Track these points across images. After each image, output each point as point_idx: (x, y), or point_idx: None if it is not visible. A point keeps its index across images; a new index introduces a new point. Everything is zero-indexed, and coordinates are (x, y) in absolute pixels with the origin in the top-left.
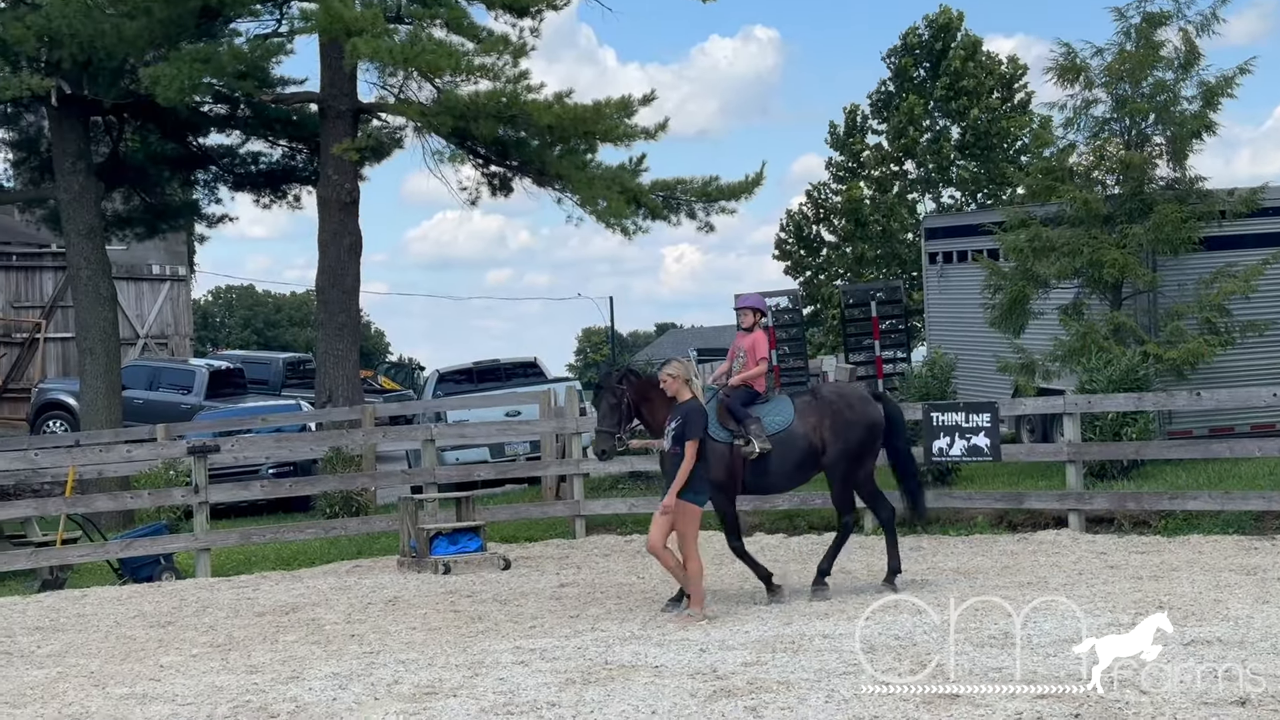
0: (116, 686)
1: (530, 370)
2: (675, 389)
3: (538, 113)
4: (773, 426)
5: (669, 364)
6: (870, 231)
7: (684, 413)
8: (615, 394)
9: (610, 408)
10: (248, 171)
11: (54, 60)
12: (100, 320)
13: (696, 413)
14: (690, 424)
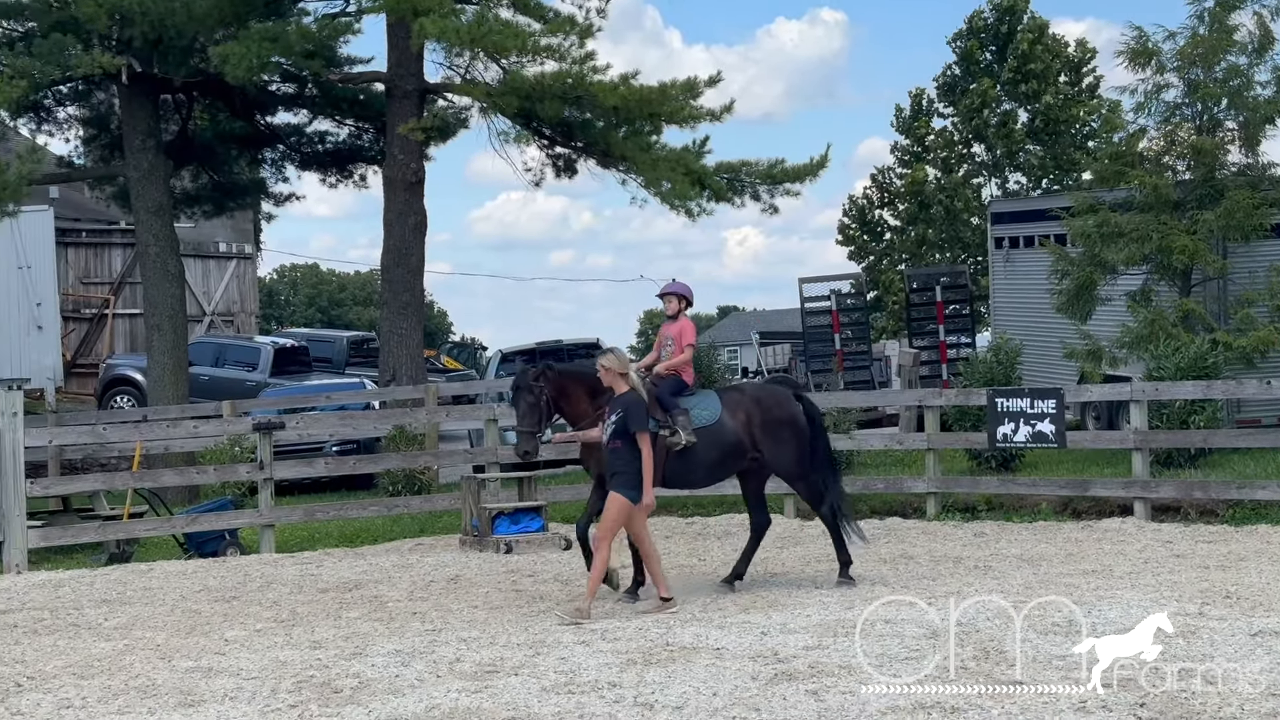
0: (182, 659)
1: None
2: (611, 381)
3: (603, 94)
4: (700, 420)
5: (604, 355)
6: (934, 215)
7: (624, 405)
8: (534, 392)
9: (529, 406)
10: (314, 150)
11: (125, 38)
12: (168, 297)
13: (637, 405)
14: (633, 416)
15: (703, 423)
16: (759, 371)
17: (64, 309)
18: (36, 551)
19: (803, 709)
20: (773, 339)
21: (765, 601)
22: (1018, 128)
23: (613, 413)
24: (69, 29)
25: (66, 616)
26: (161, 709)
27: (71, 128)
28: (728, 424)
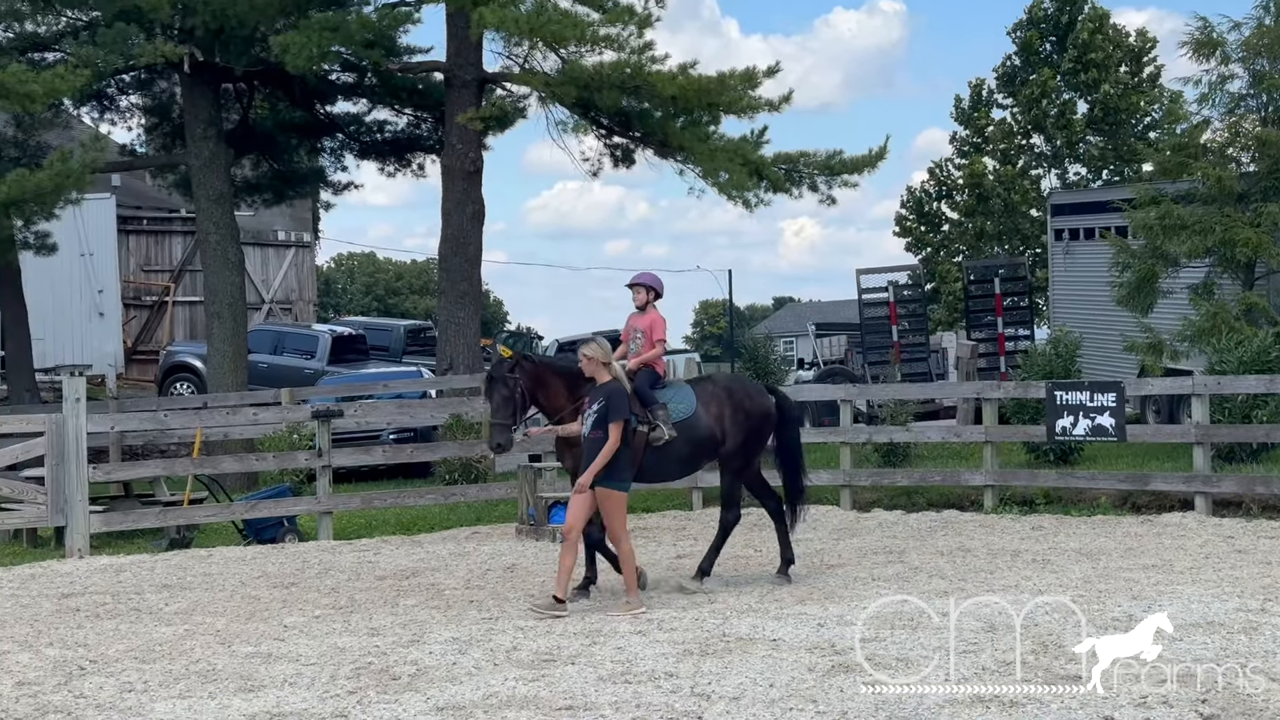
0: (242, 645)
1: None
2: (593, 371)
3: (661, 84)
4: (677, 414)
5: (586, 345)
6: (992, 207)
7: (606, 394)
8: (508, 384)
9: (504, 399)
10: (373, 140)
11: (187, 28)
12: (228, 285)
13: (619, 394)
14: (614, 406)
15: (679, 416)
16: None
17: (125, 296)
18: (98, 536)
19: (860, 702)
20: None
21: (822, 593)
22: (1077, 118)
23: (594, 402)
24: (132, 18)
25: (128, 601)
26: (222, 693)
27: (134, 116)
28: (702, 417)
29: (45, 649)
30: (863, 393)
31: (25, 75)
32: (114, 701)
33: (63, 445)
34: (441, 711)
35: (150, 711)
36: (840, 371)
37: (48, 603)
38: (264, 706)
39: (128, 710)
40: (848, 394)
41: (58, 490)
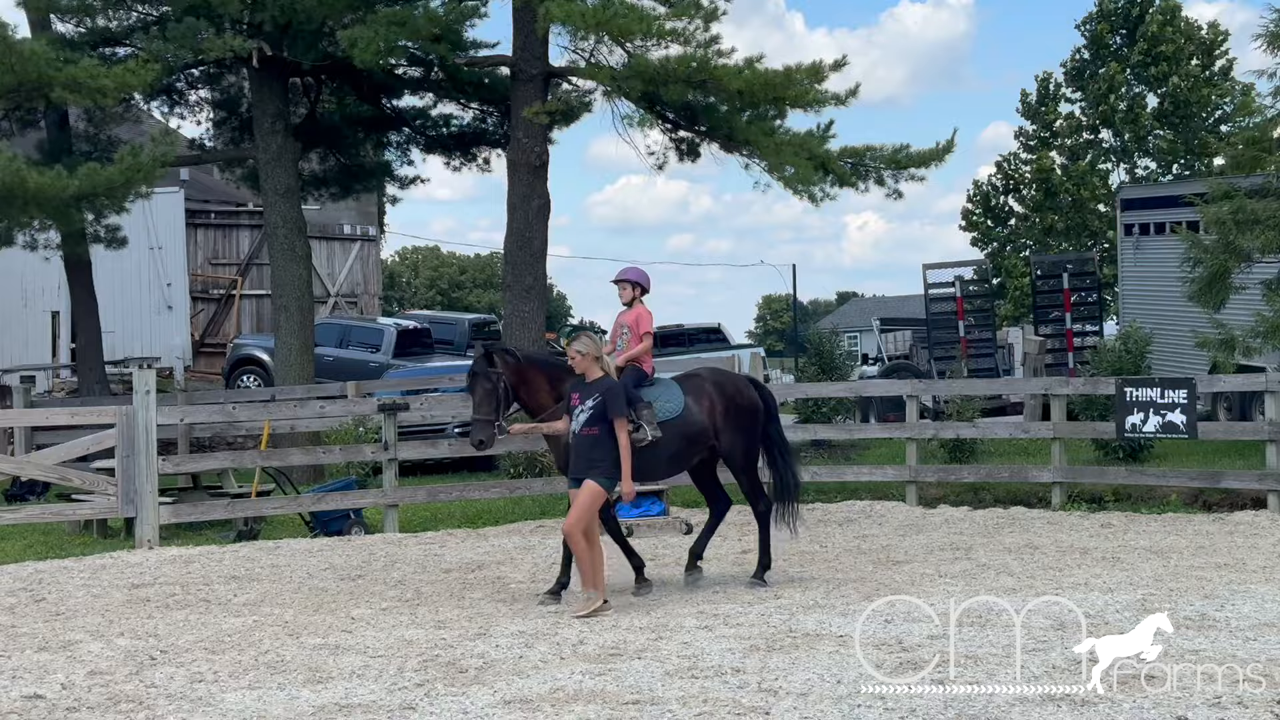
0: (310, 637)
1: (714, 336)
2: (585, 367)
3: (728, 78)
4: (665, 413)
5: (578, 340)
6: (1060, 202)
7: (603, 391)
8: (491, 378)
9: (486, 393)
10: (439, 134)
11: (256, 22)
12: (295, 278)
13: (617, 390)
14: (612, 402)
15: (669, 415)
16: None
17: (193, 289)
18: (167, 528)
19: (929, 699)
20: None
21: (889, 589)
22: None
23: (587, 399)
24: (201, 13)
25: (197, 592)
26: (291, 684)
27: (202, 110)
28: (693, 413)
29: (116, 639)
30: (929, 388)
31: (96, 70)
32: (184, 692)
33: (133, 437)
34: (509, 705)
35: (220, 702)
36: (905, 367)
37: (118, 593)
38: (332, 698)
39: (198, 700)
40: (914, 389)
41: (128, 482)
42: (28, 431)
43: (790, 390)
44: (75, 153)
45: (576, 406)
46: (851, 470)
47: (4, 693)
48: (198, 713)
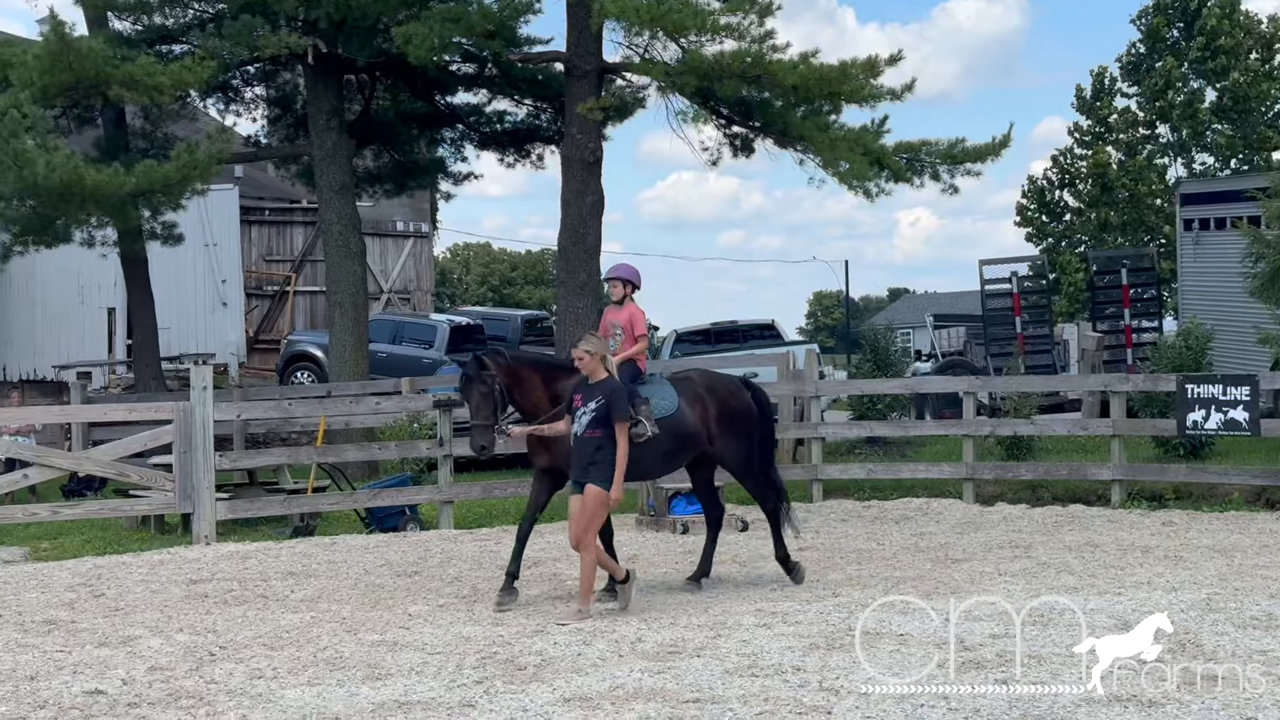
0: (368, 633)
1: (767, 332)
2: (591, 367)
3: (783, 73)
4: (660, 410)
5: (585, 340)
6: (1116, 197)
7: (607, 392)
8: (486, 382)
9: (483, 397)
10: (493, 130)
11: (311, 19)
12: (349, 275)
13: (620, 392)
14: (616, 404)
15: (663, 413)
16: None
17: (247, 286)
18: (223, 523)
19: (992, 699)
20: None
21: (948, 588)
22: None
23: (590, 400)
24: (257, 10)
25: (255, 588)
26: (350, 681)
27: (257, 108)
28: (686, 414)
29: (175, 634)
30: (986, 385)
31: (153, 67)
32: (244, 688)
33: (190, 433)
34: (569, 703)
35: (280, 698)
36: (960, 363)
37: (176, 588)
38: (392, 695)
39: (258, 697)
40: (971, 386)
41: (185, 477)
42: (84, 427)
43: (845, 387)
44: (132, 150)
45: (579, 408)
46: (907, 467)
47: (65, 688)
48: (258, 709)
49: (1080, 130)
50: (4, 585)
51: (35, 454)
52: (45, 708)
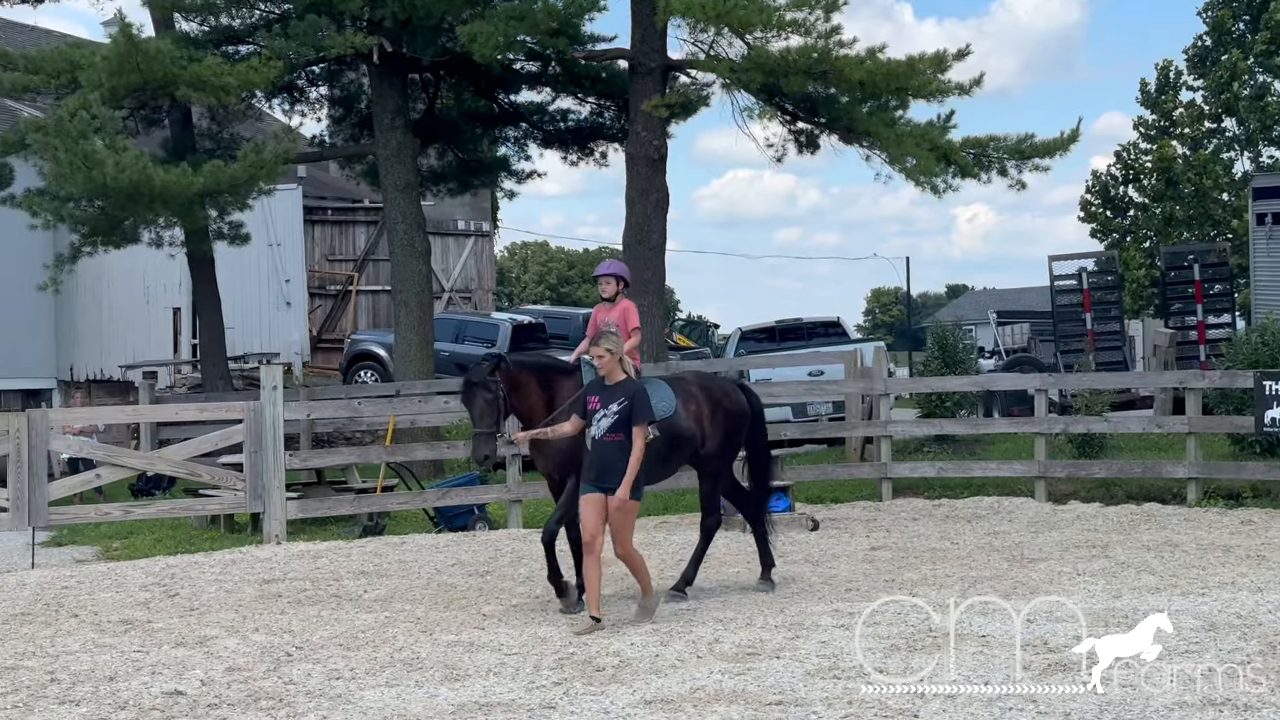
0: (443, 633)
1: (832, 330)
2: (610, 367)
3: (849, 69)
4: (658, 412)
5: (604, 339)
6: (1181, 192)
7: (629, 394)
8: (491, 388)
9: (487, 404)
10: (556, 128)
11: (376, 19)
12: (414, 274)
13: (643, 394)
14: (639, 406)
15: (661, 415)
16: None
17: (310, 285)
18: (292, 523)
19: (1082, 702)
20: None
21: (1027, 586)
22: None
23: (611, 402)
24: (322, 10)
25: (327, 588)
26: (428, 682)
27: (322, 107)
28: (683, 416)
29: (251, 634)
30: (1058, 382)
31: (220, 68)
32: (323, 689)
33: (261, 432)
34: (650, 705)
35: (360, 699)
36: (1028, 360)
37: (249, 588)
38: (471, 696)
39: (337, 698)
40: (1043, 383)
41: (255, 477)
42: (152, 427)
43: (915, 384)
44: (198, 150)
45: (596, 410)
46: (978, 466)
47: (145, 689)
48: (338, 710)
49: (1145, 124)
50: (79, 585)
51: (107, 453)
52: (126, 708)
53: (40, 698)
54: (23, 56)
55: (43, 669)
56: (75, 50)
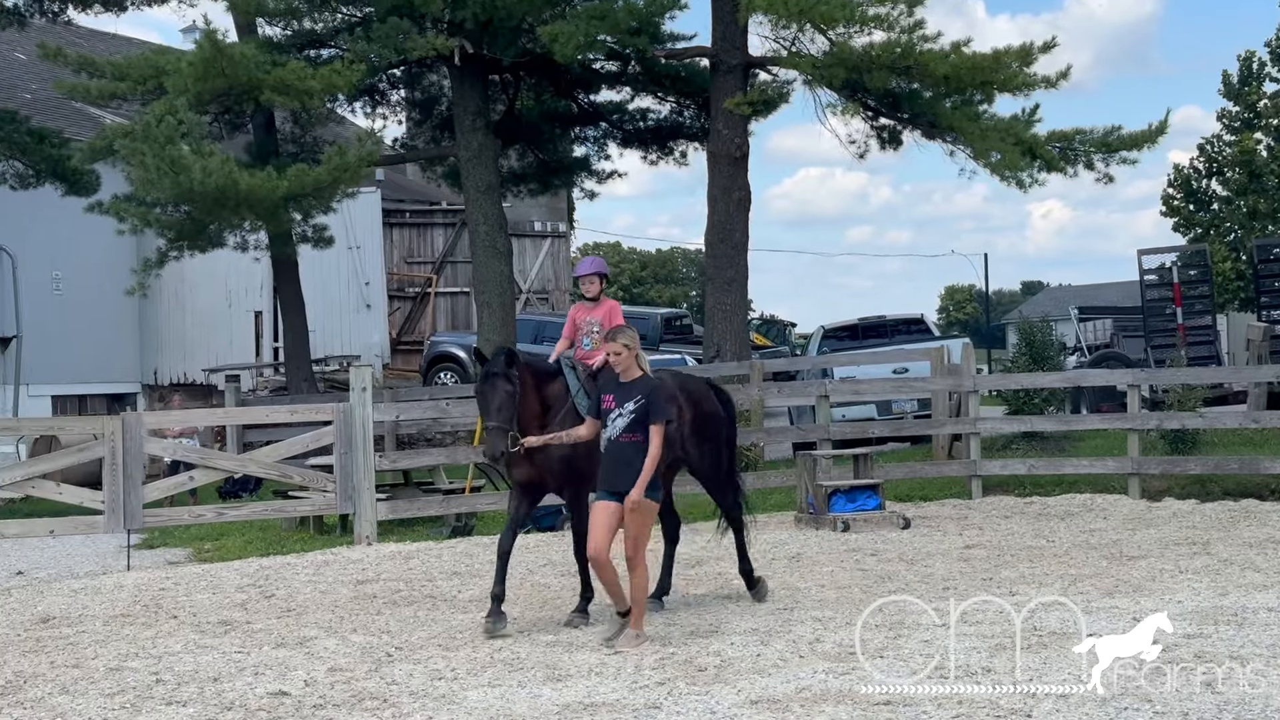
0: (541, 633)
1: (916, 327)
2: (626, 364)
3: (934, 63)
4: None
5: (620, 334)
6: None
7: (648, 391)
8: (511, 381)
9: (507, 396)
10: (636, 128)
11: (457, 20)
12: (496, 275)
13: (659, 392)
14: (656, 405)
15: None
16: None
17: (389, 288)
18: (381, 523)
19: (1199, 701)
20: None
21: (1129, 584)
22: None
23: (627, 401)
24: (404, 13)
25: (421, 588)
26: (531, 682)
27: (403, 110)
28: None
29: (350, 635)
30: (1151, 377)
31: (304, 72)
32: (426, 689)
33: (351, 434)
34: (755, 704)
35: (464, 699)
36: (1115, 356)
37: (344, 589)
38: (575, 696)
39: (441, 699)
40: (1135, 379)
41: (346, 478)
42: (239, 429)
43: (1004, 381)
44: (281, 154)
45: (611, 410)
46: (1070, 463)
47: (249, 690)
48: (443, 711)
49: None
50: (175, 586)
51: (200, 456)
52: (232, 709)
53: (147, 698)
54: (109, 63)
55: (147, 670)
56: (160, 56)
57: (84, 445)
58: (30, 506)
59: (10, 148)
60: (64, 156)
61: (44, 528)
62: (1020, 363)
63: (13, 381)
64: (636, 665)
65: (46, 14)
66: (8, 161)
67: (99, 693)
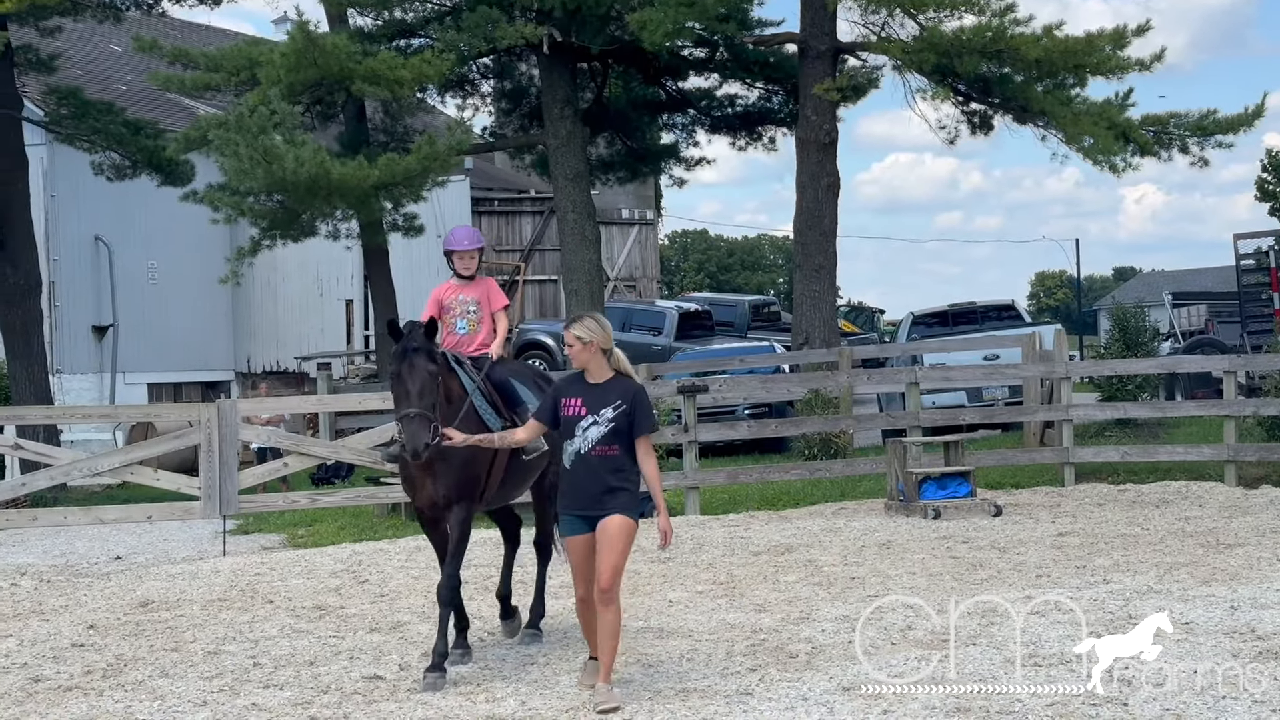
0: (631, 620)
1: (1006, 313)
2: (587, 359)
3: (1026, 47)
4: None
5: (579, 323)
6: None
7: (629, 396)
8: (433, 358)
9: (430, 377)
10: (724, 114)
11: (545, 9)
12: (585, 262)
13: (644, 395)
14: (642, 411)
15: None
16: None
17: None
18: None
19: None
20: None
21: (1225, 573)
22: None
23: (602, 406)
24: (493, 2)
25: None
26: (622, 667)
27: (491, 99)
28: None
29: None
30: (1248, 363)
31: (395, 62)
32: (519, 674)
33: None
34: (848, 691)
35: (556, 684)
36: (1209, 342)
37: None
38: (667, 682)
39: (534, 683)
40: (1231, 365)
41: None
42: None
43: (1098, 367)
44: (372, 144)
45: (581, 417)
46: (1165, 450)
47: (345, 673)
48: (536, 694)
49: None
50: (270, 571)
51: (294, 442)
52: (329, 692)
53: (245, 681)
54: (203, 55)
55: (244, 654)
56: (253, 48)
57: (180, 432)
58: (128, 493)
59: (107, 139)
60: (159, 147)
61: (142, 513)
62: (1113, 349)
63: (110, 369)
64: (727, 652)
65: (141, 6)
66: (104, 152)
67: (198, 675)
